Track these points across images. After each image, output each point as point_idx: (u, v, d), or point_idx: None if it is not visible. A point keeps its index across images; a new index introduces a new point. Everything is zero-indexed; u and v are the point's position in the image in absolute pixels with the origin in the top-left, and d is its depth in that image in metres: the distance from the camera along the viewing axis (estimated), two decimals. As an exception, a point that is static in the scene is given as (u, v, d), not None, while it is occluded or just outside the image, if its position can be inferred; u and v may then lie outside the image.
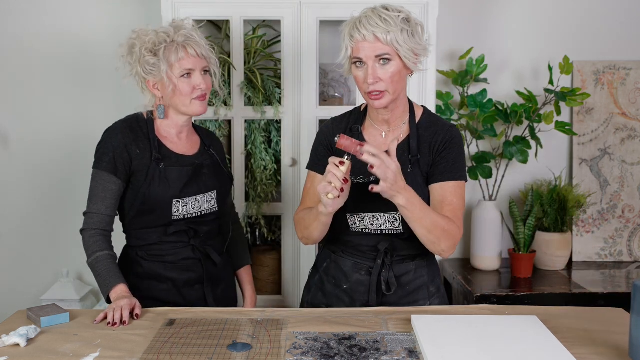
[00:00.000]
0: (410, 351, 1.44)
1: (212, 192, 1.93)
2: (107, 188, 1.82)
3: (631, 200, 2.87)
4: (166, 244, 1.88)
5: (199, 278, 1.91)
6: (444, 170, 1.74)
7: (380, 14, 1.66)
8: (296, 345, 1.47)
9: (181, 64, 1.80)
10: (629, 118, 2.87)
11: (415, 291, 1.82)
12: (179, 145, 1.92)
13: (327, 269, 1.88)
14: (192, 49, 1.81)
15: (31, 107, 2.82)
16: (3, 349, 1.47)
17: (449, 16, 2.76)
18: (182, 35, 1.82)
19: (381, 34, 1.64)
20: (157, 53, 1.80)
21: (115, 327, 1.60)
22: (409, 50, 1.67)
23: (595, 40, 2.86)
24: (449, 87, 2.82)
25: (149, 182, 1.82)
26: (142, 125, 1.89)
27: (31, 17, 2.78)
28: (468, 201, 2.89)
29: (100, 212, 1.82)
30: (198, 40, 1.84)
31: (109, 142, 1.84)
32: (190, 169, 1.88)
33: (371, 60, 1.66)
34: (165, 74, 1.80)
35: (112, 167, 1.82)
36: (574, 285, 2.53)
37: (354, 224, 1.78)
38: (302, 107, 2.44)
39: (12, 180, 2.85)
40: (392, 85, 1.69)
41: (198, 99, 1.85)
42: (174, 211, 1.85)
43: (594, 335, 1.52)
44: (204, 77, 1.85)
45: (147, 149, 1.85)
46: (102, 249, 1.80)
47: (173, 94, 1.83)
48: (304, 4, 2.39)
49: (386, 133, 1.81)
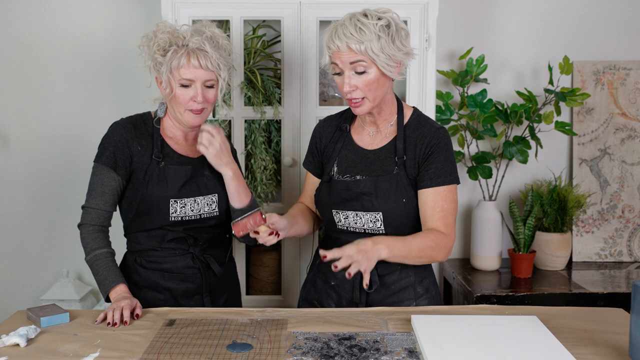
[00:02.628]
0: (410, 351, 1.44)
1: (214, 195, 1.88)
2: (106, 183, 1.80)
3: (631, 200, 2.87)
4: (165, 250, 1.85)
5: (197, 288, 1.88)
6: (434, 175, 1.74)
7: (356, 22, 1.65)
8: (296, 345, 1.48)
9: (180, 72, 1.76)
10: (629, 118, 2.87)
11: (400, 291, 1.82)
12: (184, 146, 1.89)
13: (320, 265, 1.91)
14: (196, 60, 1.75)
15: (31, 107, 2.82)
16: (3, 349, 1.47)
17: (449, 16, 2.76)
18: (196, 41, 1.75)
19: (354, 44, 1.64)
20: (165, 54, 1.77)
21: (115, 327, 1.60)
22: (387, 58, 1.66)
23: (595, 40, 2.86)
24: (449, 87, 2.82)
25: (147, 181, 1.80)
26: (148, 123, 1.86)
27: (31, 17, 2.77)
28: (468, 201, 2.89)
29: (99, 208, 1.80)
30: (209, 51, 1.76)
31: (111, 137, 1.82)
32: (190, 168, 1.84)
33: (347, 69, 1.67)
34: (165, 77, 1.77)
35: (111, 162, 1.80)
36: (573, 286, 2.53)
37: (339, 221, 1.81)
38: (302, 107, 2.44)
39: (12, 179, 2.85)
40: (371, 93, 1.69)
41: (192, 111, 1.80)
42: (172, 212, 1.81)
43: (594, 335, 1.52)
44: (205, 91, 1.79)
45: (149, 147, 1.83)
46: (100, 247, 1.79)
47: (170, 99, 1.81)
48: (304, 4, 2.39)
49: (374, 133, 1.83)
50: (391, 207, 1.74)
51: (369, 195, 1.75)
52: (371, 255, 1.59)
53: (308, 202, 1.96)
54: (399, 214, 1.74)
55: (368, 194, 1.75)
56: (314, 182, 1.93)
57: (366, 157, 1.81)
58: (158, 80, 1.83)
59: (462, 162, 2.80)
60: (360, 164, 1.80)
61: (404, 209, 1.75)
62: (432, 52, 2.38)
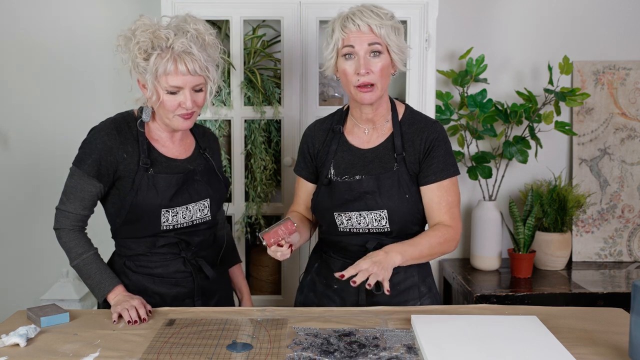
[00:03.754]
0: (409, 347, 1.44)
1: (205, 200, 1.80)
2: (86, 189, 1.72)
3: (631, 200, 2.87)
4: (155, 255, 1.78)
5: (188, 292, 1.82)
6: (437, 169, 1.76)
7: (372, 9, 1.71)
8: (297, 340, 1.48)
9: (167, 79, 1.64)
10: (628, 118, 2.87)
11: (405, 291, 1.83)
12: (171, 148, 1.79)
13: (319, 270, 1.90)
14: (184, 65, 1.63)
15: (31, 107, 2.82)
16: (3, 349, 1.47)
17: (449, 16, 2.76)
18: (181, 44, 1.63)
19: (375, 26, 1.68)
20: (148, 58, 1.65)
21: (136, 325, 1.60)
22: (397, 47, 1.72)
23: (595, 40, 2.86)
24: (449, 87, 2.82)
25: (136, 190, 1.70)
26: (132, 126, 1.74)
27: (31, 17, 2.77)
28: (468, 201, 2.89)
29: (77, 212, 1.73)
30: (196, 54, 1.64)
31: (93, 143, 1.71)
32: (181, 176, 1.75)
33: (363, 51, 1.69)
34: (150, 84, 1.66)
35: (94, 170, 1.69)
36: (573, 285, 2.53)
37: (341, 224, 1.80)
38: (302, 107, 2.45)
39: (12, 179, 2.85)
40: (381, 80, 1.72)
41: (182, 116, 1.69)
42: (163, 221, 1.74)
43: (594, 335, 1.52)
44: (194, 95, 1.68)
45: (135, 153, 1.72)
46: (86, 250, 1.74)
47: (156, 104, 1.70)
48: (304, 4, 2.39)
49: (369, 131, 1.83)
50: (395, 204, 1.74)
51: (372, 193, 1.75)
52: (386, 265, 1.60)
53: (301, 209, 1.94)
54: (402, 210, 1.75)
55: (371, 192, 1.75)
56: (308, 188, 1.90)
57: (363, 157, 1.80)
58: (140, 83, 1.71)
59: (462, 162, 2.79)
60: (358, 164, 1.80)
61: (408, 205, 1.76)
62: (432, 52, 2.38)
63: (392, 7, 1.80)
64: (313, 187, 1.89)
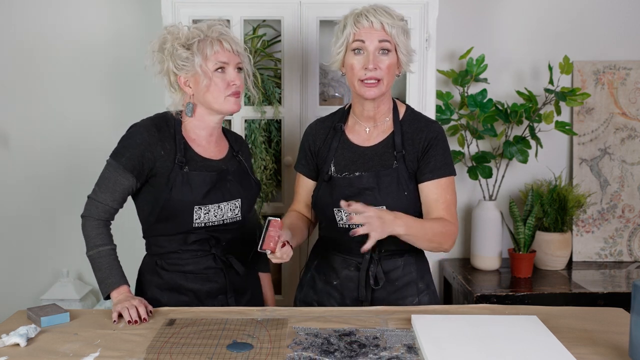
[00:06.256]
0: (409, 347, 1.44)
1: (237, 200, 1.84)
2: (120, 182, 1.76)
3: (631, 200, 2.87)
4: (186, 252, 1.82)
5: (221, 288, 1.85)
6: (434, 167, 1.78)
7: (385, 9, 1.76)
8: (297, 340, 1.48)
9: (216, 57, 1.75)
10: (629, 118, 2.87)
11: (404, 287, 1.84)
12: (207, 148, 1.84)
13: (318, 266, 1.92)
14: (228, 44, 1.76)
15: (31, 107, 2.82)
16: (3, 349, 1.47)
17: (449, 16, 2.76)
18: (215, 31, 1.77)
19: (387, 24, 1.73)
20: (190, 47, 1.75)
21: (136, 325, 1.61)
22: (405, 49, 1.77)
23: (595, 40, 2.86)
24: (449, 87, 2.82)
25: (170, 187, 1.75)
26: (170, 125, 1.81)
27: (31, 18, 2.78)
28: (468, 201, 2.89)
29: (107, 203, 1.77)
30: (232, 36, 1.80)
31: (133, 138, 1.77)
32: (215, 175, 1.80)
33: (373, 47, 1.73)
34: (199, 67, 1.74)
35: (130, 165, 1.75)
36: (574, 285, 2.53)
37: (340, 220, 1.81)
38: (302, 107, 2.45)
39: (12, 180, 2.85)
40: (387, 77, 1.75)
41: (232, 95, 1.78)
42: (195, 218, 1.77)
43: (594, 335, 1.52)
44: (238, 74, 1.79)
45: (172, 150, 1.78)
46: (104, 243, 1.76)
47: (207, 90, 1.76)
48: (304, 4, 2.39)
49: (370, 129, 1.85)
50: (394, 201, 1.75)
51: (372, 190, 1.77)
52: (387, 227, 1.61)
53: (301, 207, 1.95)
54: (401, 207, 1.75)
55: (371, 188, 1.77)
56: (308, 185, 1.92)
57: (363, 154, 1.82)
58: (182, 79, 1.79)
59: (462, 162, 2.80)
60: (358, 161, 1.81)
61: (406, 202, 1.77)
62: (432, 52, 2.38)
63: (393, 7, 1.80)
64: (313, 185, 1.91)
